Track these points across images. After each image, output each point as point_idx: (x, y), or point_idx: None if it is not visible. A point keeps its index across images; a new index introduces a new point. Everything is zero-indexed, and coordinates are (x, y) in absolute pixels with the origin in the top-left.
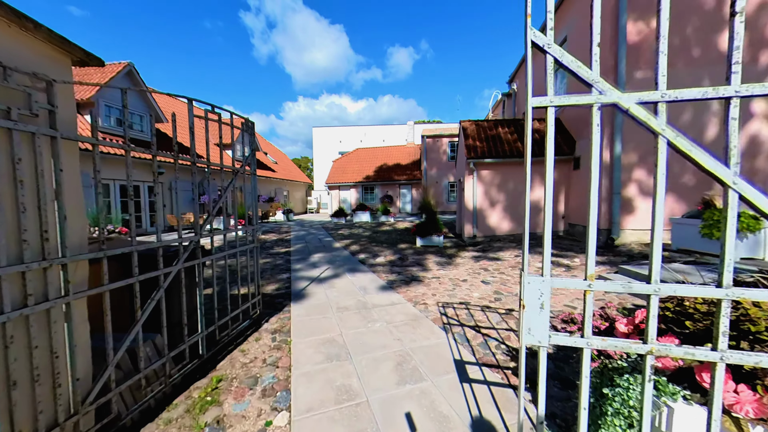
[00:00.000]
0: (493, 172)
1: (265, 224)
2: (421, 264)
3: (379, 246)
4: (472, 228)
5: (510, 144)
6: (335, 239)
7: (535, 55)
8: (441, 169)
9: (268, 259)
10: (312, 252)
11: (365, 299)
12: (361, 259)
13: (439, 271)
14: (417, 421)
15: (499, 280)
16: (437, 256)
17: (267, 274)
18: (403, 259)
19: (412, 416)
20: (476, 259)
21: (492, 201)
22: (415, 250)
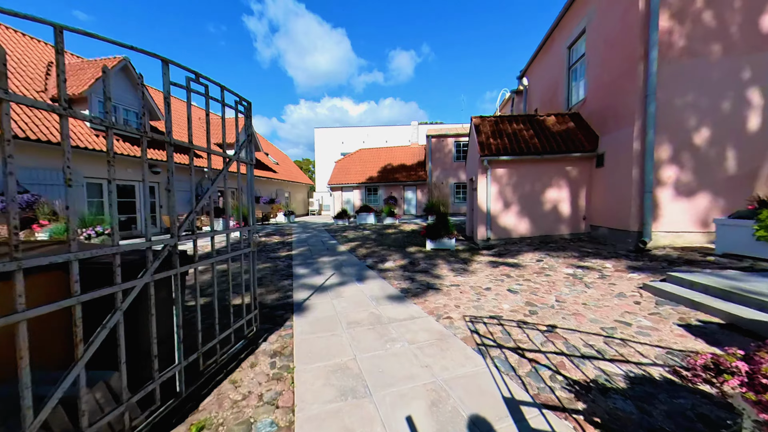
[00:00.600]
0: (509, 170)
1: (265, 226)
2: (435, 269)
3: (387, 249)
4: (486, 230)
5: (526, 141)
6: (339, 242)
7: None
8: (447, 170)
9: (268, 264)
10: (315, 256)
11: (379, 311)
12: (369, 264)
13: (457, 277)
14: None
15: (527, 288)
16: (451, 261)
17: (266, 281)
18: (414, 263)
19: None
20: (494, 265)
21: (507, 201)
22: (426, 254)
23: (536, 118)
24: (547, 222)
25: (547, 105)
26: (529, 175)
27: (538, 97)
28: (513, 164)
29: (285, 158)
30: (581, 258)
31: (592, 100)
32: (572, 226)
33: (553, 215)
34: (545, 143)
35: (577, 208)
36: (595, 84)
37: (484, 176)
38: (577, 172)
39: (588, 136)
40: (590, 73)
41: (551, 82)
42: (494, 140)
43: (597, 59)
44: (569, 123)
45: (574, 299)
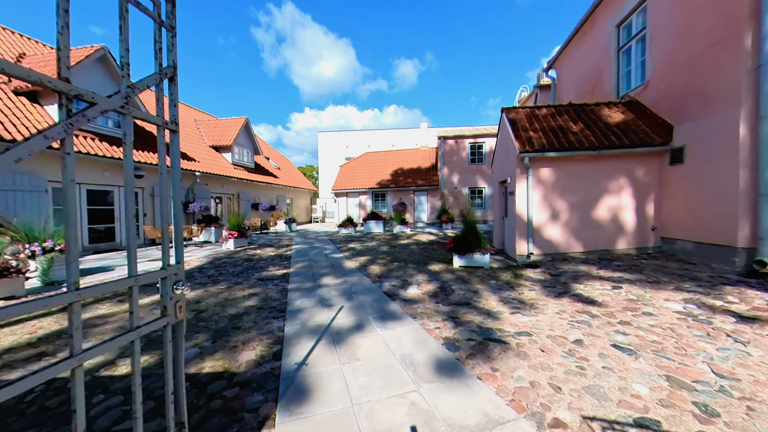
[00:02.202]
0: (556, 170)
1: (263, 236)
2: (478, 300)
3: (405, 266)
4: (527, 244)
5: (576, 134)
6: (346, 256)
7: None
8: (461, 174)
9: (255, 291)
10: (318, 276)
11: (427, 403)
12: (387, 290)
13: (519, 317)
14: None
15: (640, 342)
16: (494, 286)
17: (248, 321)
18: (446, 289)
19: None
20: (556, 293)
21: (553, 208)
22: (456, 275)
23: (583, 107)
24: (605, 234)
25: (587, 96)
26: (582, 176)
27: (571, 88)
28: (561, 163)
29: (287, 163)
30: (677, 285)
31: (660, 83)
32: (638, 239)
33: (613, 226)
34: (600, 137)
35: (644, 216)
36: (664, 62)
37: (524, 177)
38: (643, 172)
39: (655, 127)
40: (655, 50)
41: (591, 69)
42: (535, 134)
43: (668, 32)
44: (626, 112)
45: (744, 369)
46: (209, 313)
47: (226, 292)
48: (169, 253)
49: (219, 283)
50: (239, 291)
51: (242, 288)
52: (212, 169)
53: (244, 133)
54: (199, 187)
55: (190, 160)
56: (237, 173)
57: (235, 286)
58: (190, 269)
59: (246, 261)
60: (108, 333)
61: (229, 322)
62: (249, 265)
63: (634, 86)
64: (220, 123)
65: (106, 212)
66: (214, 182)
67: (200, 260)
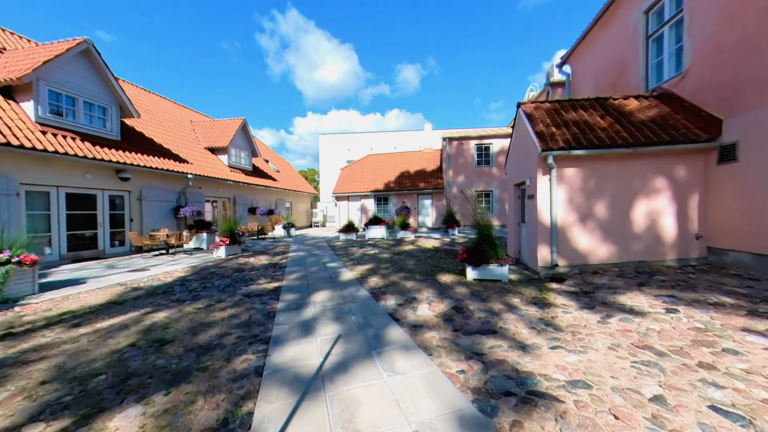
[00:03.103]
0: (583, 170)
1: (260, 242)
2: (504, 327)
3: (410, 278)
4: (550, 253)
5: (605, 130)
6: (345, 265)
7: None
8: (467, 177)
9: (239, 310)
10: (311, 290)
11: None
12: (391, 312)
13: (562, 354)
14: None
15: (744, 401)
16: (518, 306)
17: (221, 357)
18: (462, 310)
19: None
20: (597, 317)
21: (581, 213)
22: (471, 289)
23: (610, 101)
24: (641, 243)
25: (608, 91)
26: (613, 177)
27: (589, 84)
28: (589, 162)
29: (287, 166)
30: (749, 309)
31: (703, 70)
32: (679, 249)
33: (649, 233)
34: (635, 133)
35: (686, 223)
36: (708, 47)
37: (546, 178)
38: (684, 172)
39: (697, 121)
40: (696, 34)
41: (613, 62)
42: (559, 131)
43: (712, 12)
44: (659, 106)
45: None
46: (175, 345)
47: (203, 313)
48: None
49: (199, 299)
50: (219, 312)
51: (224, 307)
52: (206, 172)
53: (242, 135)
54: (192, 191)
55: (183, 161)
56: (233, 176)
57: (216, 305)
58: (171, 282)
59: (236, 271)
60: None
61: (195, 358)
62: (238, 276)
63: (667, 77)
64: (217, 124)
65: (87, 218)
66: (208, 185)
67: (185, 270)
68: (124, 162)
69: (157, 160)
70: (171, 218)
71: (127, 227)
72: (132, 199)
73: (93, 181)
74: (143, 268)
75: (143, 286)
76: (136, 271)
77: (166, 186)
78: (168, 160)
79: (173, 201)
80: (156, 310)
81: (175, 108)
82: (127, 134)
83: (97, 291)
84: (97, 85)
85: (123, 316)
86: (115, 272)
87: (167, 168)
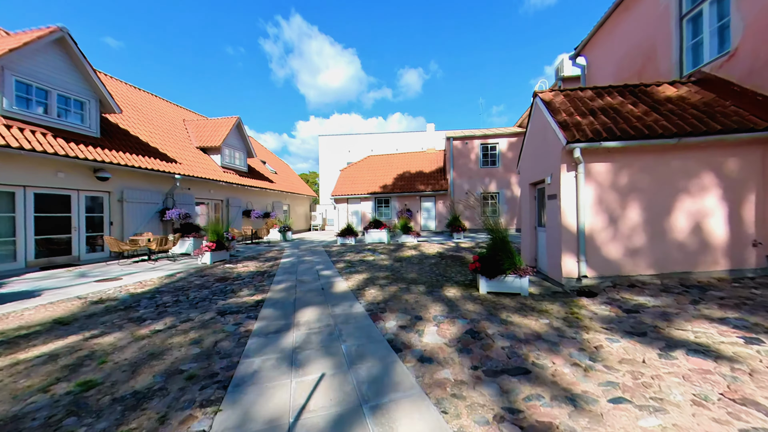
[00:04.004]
0: (617, 165)
1: (253, 246)
2: (537, 361)
3: (414, 290)
4: (577, 263)
5: (642, 119)
6: (341, 273)
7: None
8: (472, 178)
9: (206, 333)
10: (298, 305)
11: None
12: (391, 335)
13: (632, 411)
14: None
15: None
16: (547, 331)
17: (156, 411)
18: (479, 334)
19: None
20: (653, 348)
21: (613, 215)
22: (485, 305)
23: (641, 88)
24: (684, 251)
25: (633, 80)
26: (650, 173)
27: (609, 74)
28: (623, 156)
29: (286, 167)
30: None
31: (758, 49)
32: (732, 259)
33: (694, 239)
34: (677, 122)
35: (740, 227)
36: (765, 21)
37: (571, 175)
38: (737, 166)
39: (751, 107)
40: (748, 7)
41: (638, 47)
42: (585, 120)
43: None
44: (701, 92)
45: None
46: (101, 392)
47: (160, 337)
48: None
49: (164, 317)
50: (180, 335)
51: (188, 329)
52: (196, 172)
53: (236, 134)
54: (181, 192)
55: (170, 161)
56: (226, 177)
57: (180, 326)
58: (140, 294)
59: (218, 281)
60: None
61: (120, 415)
62: (218, 287)
63: (709, 59)
64: (210, 123)
65: (60, 221)
66: (199, 186)
67: (161, 280)
68: (102, 160)
69: (141, 158)
70: (156, 221)
71: (106, 231)
72: (112, 201)
73: (67, 180)
74: (116, 277)
75: (106, 300)
76: (106, 281)
77: (151, 187)
78: (154, 159)
79: (159, 203)
80: (105, 333)
81: (168, 106)
82: (109, 131)
83: (48, 306)
84: (73, 77)
85: (61, 341)
86: (82, 282)
87: (151, 167)
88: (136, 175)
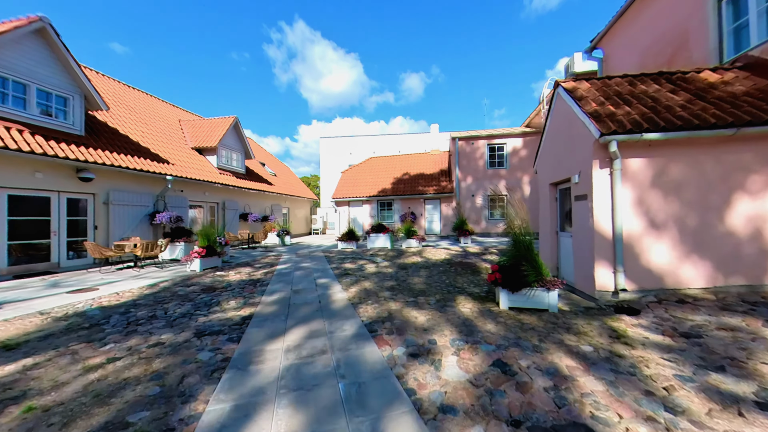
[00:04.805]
0: (658, 160)
1: (250, 251)
2: (589, 407)
3: (422, 304)
4: (613, 273)
5: (686, 107)
6: (340, 282)
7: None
8: (478, 179)
9: (166, 364)
10: (290, 322)
11: None
12: (399, 370)
13: None
14: None
15: None
16: (591, 358)
17: None
18: (509, 368)
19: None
20: (733, 381)
21: (655, 218)
22: (508, 325)
23: (678, 75)
24: (744, 261)
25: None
26: (700, 169)
27: (633, 64)
28: (667, 149)
29: (286, 170)
30: None
31: None
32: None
33: (754, 247)
34: (730, 110)
35: None
36: None
37: (605, 172)
38: None
39: None
40: None
41: (669, 34)
42: (619, 109)
43: None
44: (750, 77)
45: None
46: None
47: (117, 368)
48: None
49: (131, 338)
50: (142, 366)
51: (154, 356)
52: (190, 173)
53: (233, 134)
54: (173, 195)
55: (162, 162)
56: (222, 178)
57: (146, 351)
58: (113, 307)
59: (205, 291)
60: None
61: None
62: (203, 299)
63: (757, 42)
64: (206, 123)
65: (38, 224)
66: (193, 188)
67: (142, 290)
68: (85, 159)
69: (130, 159)
70: (146, 225)
71: (90, 236)
72: (97, 204)
73: (46, 181)
74: (93, 287)
75: (71, 316)
76: (81, 292)
77: (140, 188)
78: (144, 159)
79: (149, 206)
80: (52, 362)
81: (163, 106)
82: (96, 129)
83: (1, 324)
84: (55, 71)
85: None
86: (52, 293)
87: (140, 168)
88: (124, 176)
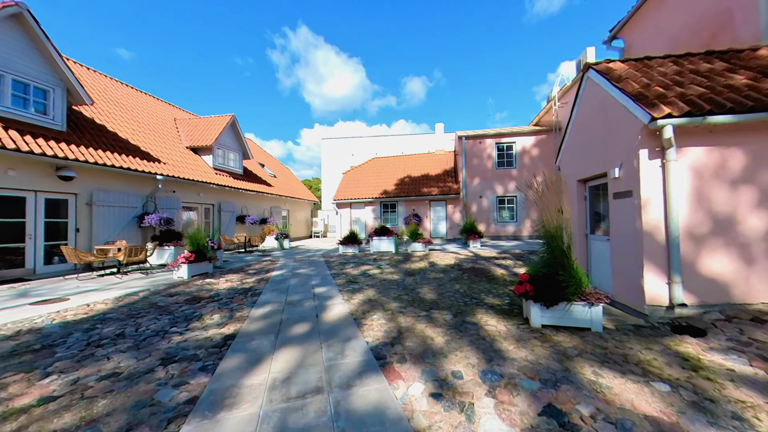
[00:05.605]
0: (721, 148)
1: (246, 255)
2: None
3: (436, 319)
4: (668, 284)
5: (752, 87)
6: (340, 290)
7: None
8: (486, 180)
9: (111, 406)
10: (279, 344)
11: None
12: (420, 421)
13: None
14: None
15: None
16: (674, 408)
17: None
18: (565, 418)
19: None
20: None
21: (720, 217)
22: (546, 348)
23: (731, 53)
24: None
25: None
26: None
27: (660, 52)
28: (732, 135)
29: (286, 171)
30: None
31: None
32: None
33: None
34: None
35: None
36: None
37: (655, 163)
38: None
39: None
40: None
41: (707, 14)
42: (669, 91)
43: None
44: None
45: None
46: None
47: (45, 412)
48: None
49: (82, 365)
50: (80, 409)
51: (97, 397)
52: (183, 173)
53: (230, 134)
54: (164, 195)
55: (153, 160)
56: (218, 179)
57: (93, 387)
58: (76, 322)
59: (188, 302)
60: None
61: None
62: (184, 312)
63: None
64: (202, 121)
65: (12, 227)
66: (187, 189)
67: (117, 301)
68: (64, 156)
69: (117, 156)
70: (134, 228)
71: (71, 239)
72: (79, 204)
73: (20, 180)
74: (63, 297)
75: (23, 334)
76: (48, 303)
77: (128, 189)
78: (133, 158)
79: (138, 207)
80: None
81: (157, 104)
82: (80, 125)
83: None
84: (34, 60)
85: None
86: (15, 305)
87: (127, 166)
88: (110, 174)
